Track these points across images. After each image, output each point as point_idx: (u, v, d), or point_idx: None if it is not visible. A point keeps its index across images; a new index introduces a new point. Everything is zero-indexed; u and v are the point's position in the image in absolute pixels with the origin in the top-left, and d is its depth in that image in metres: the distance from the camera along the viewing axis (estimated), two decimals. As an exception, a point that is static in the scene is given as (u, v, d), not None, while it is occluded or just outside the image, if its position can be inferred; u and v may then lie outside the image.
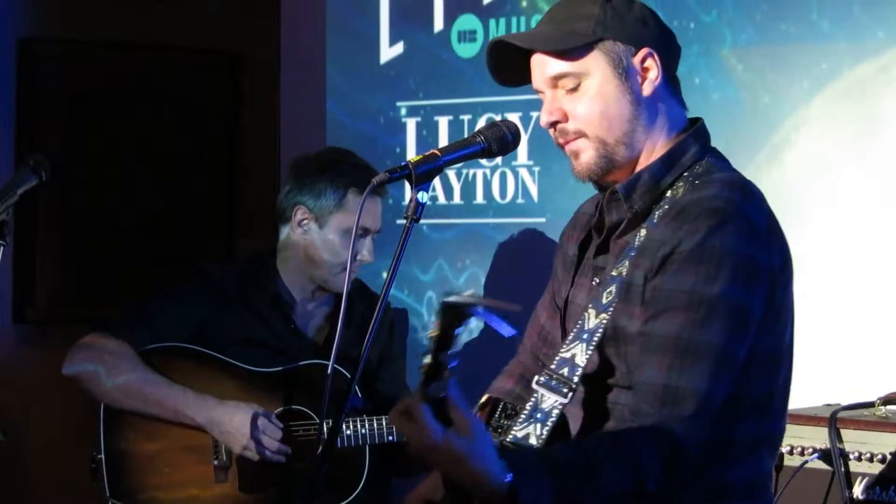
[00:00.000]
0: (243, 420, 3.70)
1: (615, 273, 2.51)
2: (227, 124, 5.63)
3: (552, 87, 2.57)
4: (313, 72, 4.88)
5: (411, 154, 4.56)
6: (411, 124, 4.65)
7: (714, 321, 2.40)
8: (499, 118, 4.01)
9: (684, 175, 2.56)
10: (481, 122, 4.40)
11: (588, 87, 2.54)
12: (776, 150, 3.93)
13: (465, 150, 2.56)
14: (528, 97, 3.48)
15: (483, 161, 4.41)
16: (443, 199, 4.55)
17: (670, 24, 2.59)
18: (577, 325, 2.53)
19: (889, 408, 3.24)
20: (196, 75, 5.55)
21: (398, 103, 4.67)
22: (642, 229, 2.53)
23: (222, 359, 3.82)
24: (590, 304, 2.53)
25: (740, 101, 4.00)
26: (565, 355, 2.52)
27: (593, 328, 2.50)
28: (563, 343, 2.55)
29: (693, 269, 2.41)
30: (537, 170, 4.34)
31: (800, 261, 3.81)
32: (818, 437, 3.19)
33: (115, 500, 3.78)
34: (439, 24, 4.59)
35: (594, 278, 2.61)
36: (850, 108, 3.82)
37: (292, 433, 3.79)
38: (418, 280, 4.58)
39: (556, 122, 2.56)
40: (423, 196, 2.45)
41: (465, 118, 4.52)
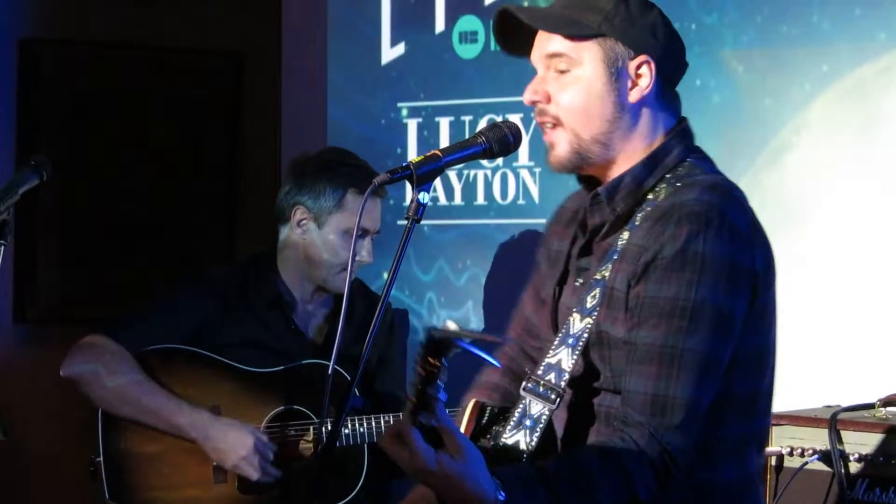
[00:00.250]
0: (235, 440, 3.70)
1: (598, 276, 2.52)
2: (228, 124, 5.63)
3: (545, 65, 2.58)
4: (314, 72, 4.88)
5: (412, 155, 4.55)
6: (412, 125, 4.64)
7: (698, 328, 2.42)
8: (500, 119, 4.01)
9: (666, 177, 2.56)
10: (482, 123, 4.39)
11: (577, 76, 2.55)
12: (777, 152, 3.93)
13: (467, 151, 2.56)
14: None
15: (484, 162, 4.40)
16: (444, 200, 4.55)
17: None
18: (563, 329, 2.54)
19: (889, 409, 3.24)
20: (196, 76, 5.55)
21: (399, 104, 4.67)
22: (624, 232, 2.53)
23: (221, 360, 3.82)
24: (574, 308, 2.54)
25: (741, 103, 3.99)
26: (551, 361, 2.53)
27: (578, 333, 2.51)
28: (550, 347, 2.56)
29: (675, 276, 2.42)
30: (538, 171, 4.34)
31: (800, 262, 3.83)
32: (818, 439, 3.19)
33: (115, 502, 3.78)
34: (440, 25, 4.59)
35: (577, 279, 2.62)
36: (851, 110, 3.82)
37: (290, 435, 3.79)
38: (419, 281, 4.57)
39: (536, 102, 2.57)
40: (424, 197, 2.45)
41: (467, 119, 4.52)
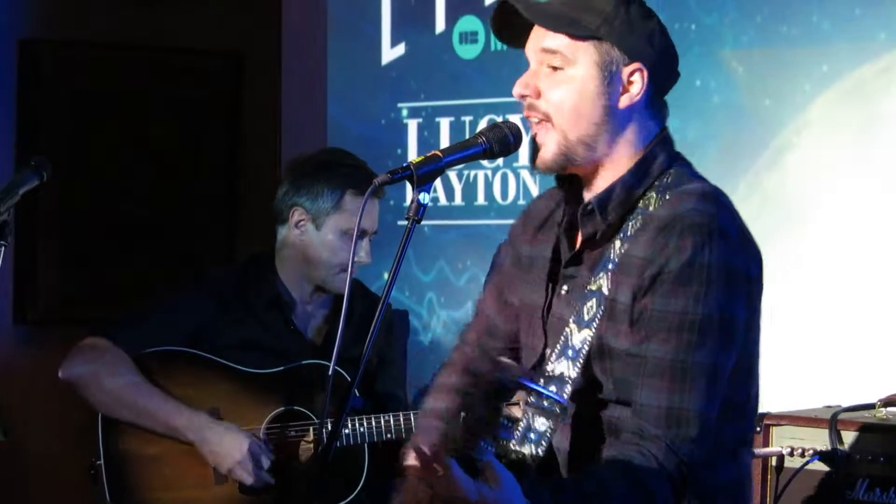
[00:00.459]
0: (231, 444, 3.70)
1: (593, 287, 2.52)
2: (228, 124, 5.63)
3: (539, 59, 2.57)
4: (314, 73, 4.88)
5: (412, 155, 4.55)
6: (412, 125, 4.65)
7: (707, 340, 2.45)
8: (500, 119, 4.01)
9: (654, 184, 2.57)
10: (483, 124, 4.40)
11: (570, 76, 2.54)
12: (777, 152, 3.93)
13: (467, 152, 2.56)
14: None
15: (484, 162, 4.41)
16: (444, 201, 4.55)
17: (671, 26, 2.58)
18: (561, 341, 2.53)
19: (889, 409, 3.24)
20: (196, 76, 5.55)
21: (399, 104, 4.67)
22: (616, 241, 2.54)
23: (220, 361, 3.81)
24: (571, 319, 2.54)
25: (741, 104, 4.00)
26: (552, 374, 2.52)
27: (578, 345, 2.51)
28: (547, 359, 2.56)
29: (683, 290, 2.44)
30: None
31: (800, 262, 3.84)
32: (819, 439, 3.19)
33: (116, 504, 3.79)
34: (441, 26, 4.59)
35: (563, 286, 2.62)
36: (851, 110, 3.82)
37: (290, 436, 3.79)
38: (420, 281, 4.58)
39: (526, 96, 2.57)
40: (424, 197, 2.45)
41: (467, 119, 4.52)
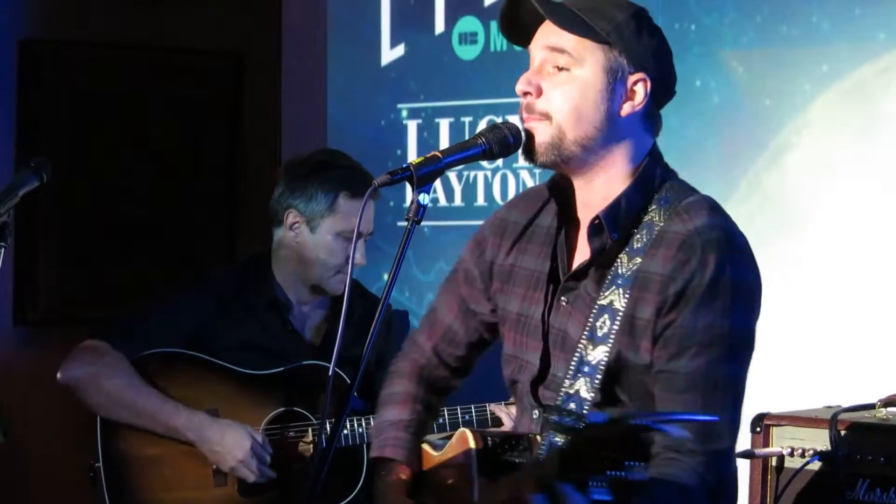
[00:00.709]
0: (233, 441, 3.70)
1: (604, 302, 2.54)
2: (228, 124, 5.63)
3: (543, 57, 2.58)
4: (314, 73, 4.88)
5: (412, 156, 4.55)
6: (412, 126, 4.64)
7: (735, 354, 2.51)
8: (500, 120, 4.00)
9: (655, 198, 2.60)
10: (482, 124, 4.39)
11: (576, 76, 2.56)
12: (777, 153, 3.92)
13: (467, 152, 2.57)
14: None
15: (484, 163, 4.40)
16: (444, 202, 4.55)
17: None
18: (576, 358, 2.55)
19: (890, 409, 3.23)
20: (196, 76, 5.55)
21: (399, 105, 4.67)
22: (623, 256, 2.56)
23: (219, 363, 3.81)
24: (583, 335, 2.55)
25: (741, 104, 3.99)
26: (569, 391, 2.54)
27: (595, 361, 2.53)
28: (564, 378, 2.57)
29: (710, 305, 2.48)
30: (538, 172, 4.33)
31: (800, 262, 3.83)
32: (819, 439, 3.18)
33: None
34: (440, 26, 4.59)
35: (561, 297, 2.63)
36: (851, 110, 3.81)
37: (289, 437, 3.79)
38: (419, 282, 4.57)
39: (528, 93, 2.58)
40: (424, 198, 2.46)
41: (467, 120, 4.51)
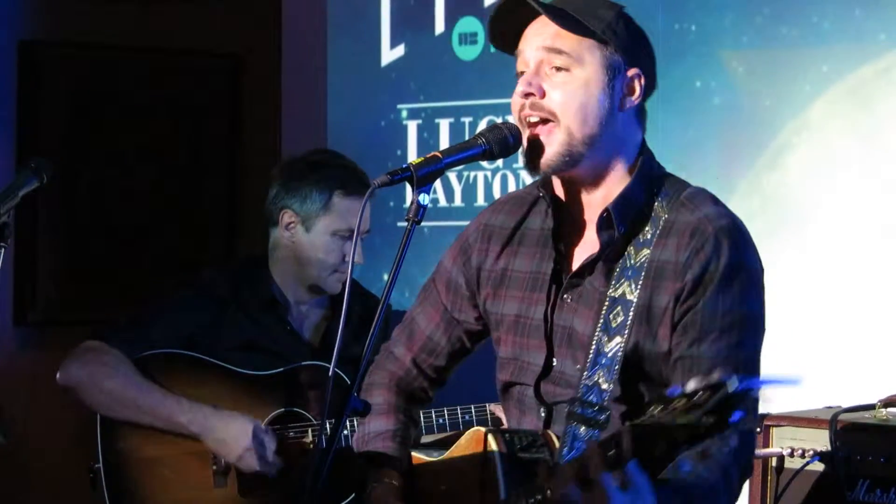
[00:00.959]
0: (238, 430, 3.69)
1: (615, 294, 2.56)
2: (228, 125, 5.63)
3: (540, 59, 2.58)
4: (314, 74, 4.88)
5: (412, 156, 4.55)
6: (412, 126, 4.65)
7: (752, 336, 2.55)
8: (500, 120, 4.00)
9: (656, 192, 2.62)
10: (482, 125, 4.40)
11: (577, 75, 2.57)
12: (777, 153, 3.93)
13: (467, 153, 2.57)
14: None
15: (484, 163, 4.40)
16: (444, 202, 4.55)
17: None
18: (592, 350, 2.56)
19: (890, 410, 3.23)
20: (196, 77, 5.55)
21: (399, 105, 4.67)
22: (630, 248, 2.58)
23: (218, 363, 3.81)
24: (598, 328, 2.57)
25: (741, 105, 3.99)
26: (588, 382, 2.56)
27: (611, 353, 2.55)
28: (583, 371, 2.58)
29: (729, 290, 2.52)
30: (538, 172, 4.33)
31: (801, 263, 3.83)
32: (819, 440, 3.19)
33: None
34: (440, 27, 4.59)
35: (566, 295, 2.64)
36: (851, 111, 3.82)
37: (289, 437, 3.78)
38: (419, 282, 4.56)
39: (531, 94, 2.58)
40: (424, 198, 2.46)
41: (466, 120, 4.52)
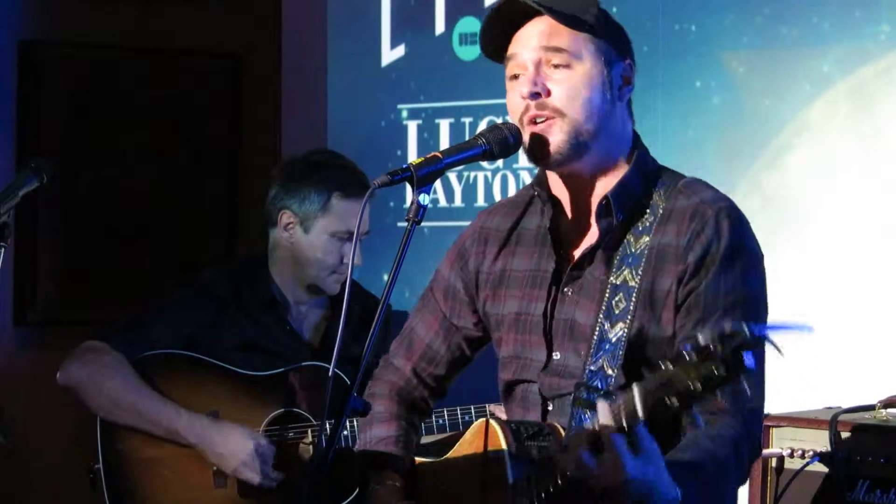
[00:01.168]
0: (237, 444, 3.70)
1: (618, 281, 2.57)
2: (228, 125, 5.63)
3: (538, 59, 2.60)
4: (314, 74, 4.88)
5: (412, 157, 4.55)
6: (412, 127, 4.65)
7: (755, 315, 2.55)
8: (500, 121, 4.01)
9: (653, 182, 2.64)
10: (482, 125, 4.40)
11: (578, 70, 2.59)
12: (777, 153, 3.93)
13: (467, 153, 2.58)
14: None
15: (484, 163, 4.40)
16: (444, 202, 4.55)
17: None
18: (595, 337, 2.57)
19: (890, 411, 3.23)
20: (196, 77, 5.55)
21: (399, 106, 4.67)
22: (629, 237, 2.59)
23: (218, 364, 3.81)
24: (600, 315, 2.57)
25: (741, 105, 3.99)
26: (593, 368, 2.56)
27: (615, 339, 2.56)
28: (587, 357, 2.58)
29: (731, 270, 2.53)
30: (538, 172, 4.32)
31: (800, 262, 3.83)
32: (819, 440, 3.19)
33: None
34: (441, 27, 4.59)
35: (566, 288, 2.64)
36: (851, 111, 3.82)
37: (289, 438, 3.78)
38: (420, 282, 4.56)
39: (536, 93, 2.59)
40: (424, 198, 2.47)
41: (467, 121, 4.52)
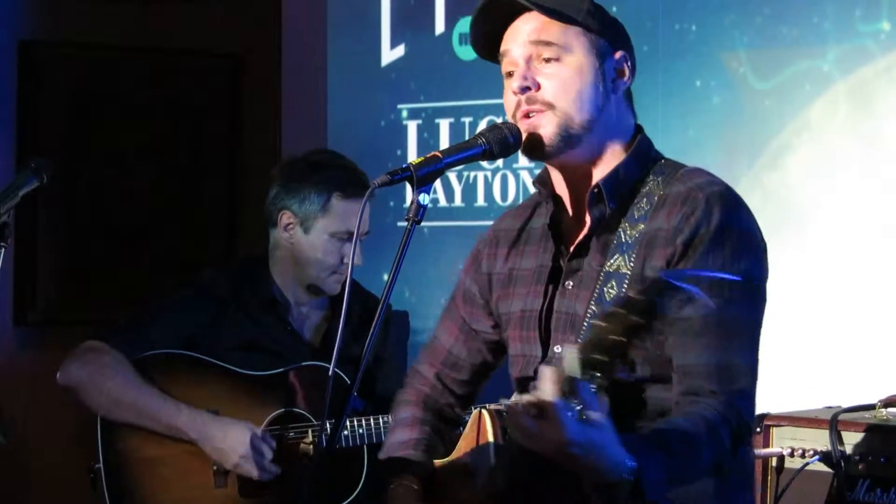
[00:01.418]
0: (236, 438, 3.69)
1: (611, 269, 2.56)
2: (228, 125, 5.63)
3: (529, 54, 2.60)
4: (314, 74, 4.88)
5: (412, 156, 4.55)
6: (412, 127, 4.65)
7: (745, 297, 2.51)
8: (500, 120, 4.01)
9: (651, 170, 2.63)
10: (482, 125, 4.40)
11: (568, 63, 2.58)
12: (777, 153, 3.93)
13: (467, 153, 2.58)
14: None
15: (484, 163, 4.40)
16: (444, 202, 4.55)
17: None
18: (586, 323, 2.55)
19: (890, 410, 3.24)
20: (196, 77, 5.55)
21: (399, 106, 4.67)
22: (623, 224, 2.58)
23: (218, 364, 3.81)
24: (591, 303, 2.56)
25: (742, 104, 3.99)
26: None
27: None
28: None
29: (720, 251, 2.50)
30: (538, 172, 4.32)
31: (801, 262, 3.84)
32: (819, 440, 3.19)
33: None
34: (440, 27, 4.59)
35: (566, 282, 2.63)
36: (851, 111, 3.82)
37: (289, 437, 3.78)
38: (419, 282, 4.57)
39: (527, 88, 2.59)
40: (424, 198, 2.46)
41: (467, 120, 4.52)
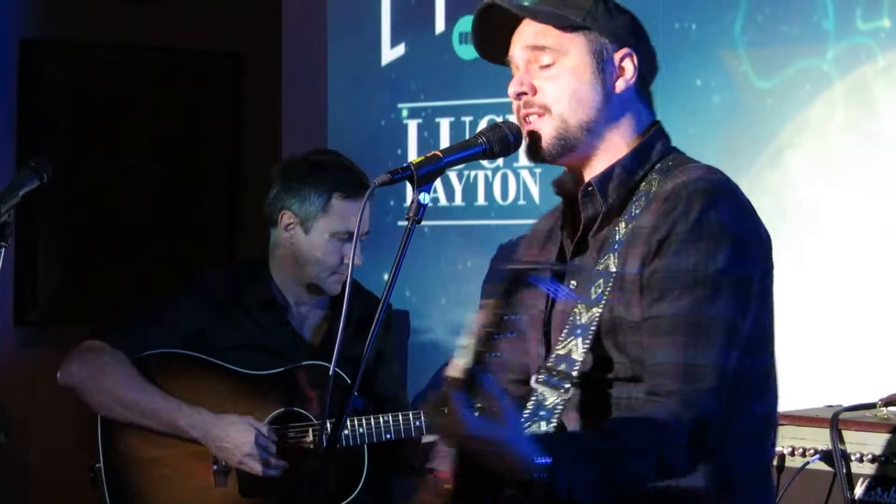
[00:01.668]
0: (239, 434, 3.69)
1: (601, 268, 2.54)
2: (228, 124, 5.63)
3: (527, 59, 2.60)
4: (314, 73, 4.88)
5: (412, 156, 4.55)
6: (412, 126, 4.64)
7: (720, 295, 2.44)
8: (500, 119, 4.01)
9: (655, 168, 2.60)
10: (483, 124, 4.39)
11: (563, 67, 2.58)
12: (778, 153, 3.93)
13: (467, 152, 2.57)
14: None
15: (484, 162, 4.40)
16: (444, 201, 4.55)
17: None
18: (569, 322, 2.55)
19: (890, 409, 3.24)
20: (197, 77, 5.55)
21: (399, 105, 4.67)
22: (621, 223, 2.56)
23: (218, 363, 3.81)
24: (577, 301, 2.55)
25: (742, 103, 3.99)
26: (561, 352, 2.53)
27: (587, 322, 2.52)
28: (556, 342, 2.56)
29: (693, 248, 2.45)
30: (539, 171, 4.33)
31: (801, 262, 3.83)
32: (820, 439, 3.19)
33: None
34: (441, 26, 4.59)
35: (571, 280, 2.62)
36: (852, 110, 3.82)
37: (290, 437, 3.78)
38: (419, 282, 4.57)
39: (523, 93, 2.59)
40: (424, 197, 2.46)
41: (467, 120, 4.51)
